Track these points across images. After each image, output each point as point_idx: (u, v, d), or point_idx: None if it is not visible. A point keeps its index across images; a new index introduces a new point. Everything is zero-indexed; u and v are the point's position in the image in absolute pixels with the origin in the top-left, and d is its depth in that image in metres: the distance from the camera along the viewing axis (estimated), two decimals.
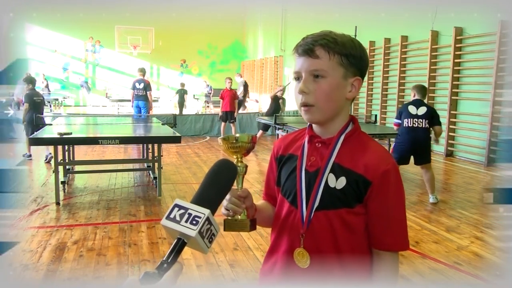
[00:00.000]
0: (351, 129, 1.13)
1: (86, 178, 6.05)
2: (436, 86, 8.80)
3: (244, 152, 1.11)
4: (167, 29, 19.23)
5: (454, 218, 4.46)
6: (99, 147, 8.24)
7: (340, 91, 1.09)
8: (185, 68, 21.58)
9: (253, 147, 1.12)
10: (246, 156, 1.12)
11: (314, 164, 1.12)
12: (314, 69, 1.07)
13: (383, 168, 1.07)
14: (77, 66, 20.31)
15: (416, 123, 4.91)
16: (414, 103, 5.01)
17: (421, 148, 4.98)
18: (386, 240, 1.09)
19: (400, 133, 5.07)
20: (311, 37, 1.09)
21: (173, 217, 0.81)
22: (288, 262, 1.12)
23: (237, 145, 1.10)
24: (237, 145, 1.10)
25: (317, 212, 1.09)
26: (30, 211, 4.53)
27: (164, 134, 5.45)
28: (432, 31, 8.60)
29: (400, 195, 1.11)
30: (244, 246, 3.61)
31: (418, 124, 4.91)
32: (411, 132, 4.93)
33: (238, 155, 1.11)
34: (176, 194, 5.33)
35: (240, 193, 1.09)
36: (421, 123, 4.91)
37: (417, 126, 4.91)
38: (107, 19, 17.78)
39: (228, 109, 9.43)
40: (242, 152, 1.11)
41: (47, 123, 6.19)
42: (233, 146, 1.10)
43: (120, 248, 3.58)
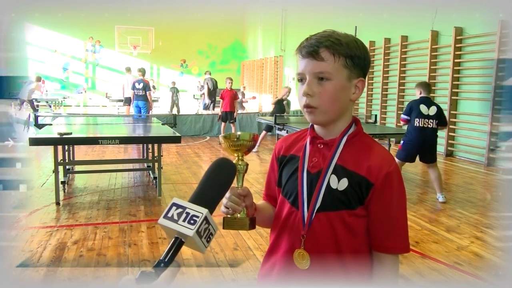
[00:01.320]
0: (353, 130, 1.13)
1: (86, 178, 6.05)
2: (436, 86, 8.79)
3: (245, 151, 1.11)
4: (167, 29, 19.25)
5: (454, 218, 4.46)
6: (99, 147, 8.24)
7: (344, 93, 1.09)
8: (185, 68, 21.58)
9: (254, 146, 1.12)
10: (247, 154, 1.11)
11: (316, 166, 1.11)
12: (319, 72, 1.06)
13: (386, 170, 1.06)
14: (77, 66, 20.32)
15: (427, 123, 4.93)
16: (424, 101, 4.99)
17: (429, 147, 5.02)
18: (388, 243, 1.08)
19: (409, 131, 5.07)
20: (315, 38, 1.07)
21: (171, 216, 0.80)
22: (288, 263, 1.12)
23: (238, 143, 1.09)
24: (238, 143, 1.09)
25: (318, 213, 1.09)
26: (30, 211, 4.53)
27: (164, 134, 5.44)
28: (432, 31, 8.60)
29: (402, 198, 1.11)
30: (244, 246, 3.61)
31: (428, 124, 4.93)
32: (421, 131, 4.95)
33: (239, 153, 1.10)
34: (176, 194, 5.33)
35: (240, 191, 1.08)
36: (432, 123, 4.94)
37: (427, 126, 4.94)
38: (107, 19, 17.78)
39: (228, 109, 9.42)
40: (243, 150, 1.10)
41: (47, 123, 6.18)
42: (235, 144, 1.09)
43: (120, 248, 3.58)
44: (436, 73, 8.81)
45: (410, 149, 5.02)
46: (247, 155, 1.11)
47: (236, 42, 22.18)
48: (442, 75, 8.63)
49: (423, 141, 4.97)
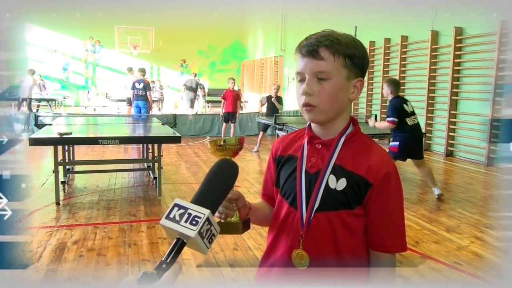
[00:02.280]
0: (351, 130, 1.13)
1: (86, 178, 6.05)
2: (436, 86, 8.80)
3: (231, 154, 1.10)
4: (167, 29, 19.21)
5: (454, 218, 4.46)
6: (99, 147, 8.23)
7: (343, 92, 1.09)
8: (185, 68, 21.57)
9: (241, 148, 1.11)
10: (234, 156, 1.10)
11: (315, 166, 1.11)
12: (318, 71, 1.06)
13: (384, 170, 1.07)
14: (77, 66, 20.31)
15: (414, 120, 5.04)
16: (403, 101, 5.09)
17: (420, 142, 5.19)
18: (385, 242, 1.09)
19: (404, 131, 5.06)
20: (315, 38, 1.08)
21: (173, 217, 0.80)
22: (286, 263, 1.12)
23: (224, 147, 1.09)
24: (224, 148, 1.09)
25: (317, 213, 1.09)
26: (30, 211, 4.53)
27: (164, 134, 5.44)
28: (432, 31, 8.60)
29: (400, 197, 1.11)
30: (244, 246, 3.61)
31: (416, 121, 5.07)
32: (414, 129, 5.03)
33: (226, 157, 1.09)
34: (176, 194, 5.33)
35: (231, 196, 1.08)
36: (416, 119, 5.09)
37: (416, 123, 5.06)
38: (107, 19, 17.75)
39: (231, 110, 9.38)
40: (230, 154, 1.09)
41: (47, 123, 6.18)
42: (220, 149, 1.09)
43: (120, 248, 3.58)
44: (436, 73, 8.80)
45: (407, 148, 5.04)
46: (234, 157, 1.10)
47: (236, 42, 22.16)
48: (442, 75, 8.62)
49: (417, 138, 5.10)
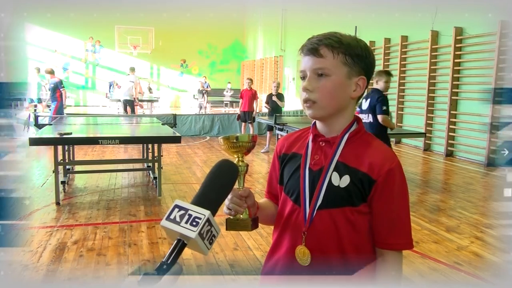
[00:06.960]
0: (355, 128, 1.14)
1: (86, 178, 6.04)
2: (436, 86, 8.80)
3: (244, 151, 1.12)
4: (167, 29, 19.20)
5: (454, 218, 4.46)
6: (99, 147, 8.24)
7: (343, 89, 1.10)
8: (185, 68, 21.57)
9: (254, 146, 1.13)
10: (247, 155, 1.12)
11: (318, 163, 1.12)
12: (318, 68, 1.09)
13: (388, 166, 1.07)
14: (77, 66, 20.30)
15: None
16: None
17: None
18: (391, 240, 1.09)
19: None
20: (317, 37, 1.11)
21: (173, 218, 0.80)
22: (290, 260, 1.13)
23: (238, 144, 1.10)
24: (238, 145, 1.10)
25: (320, 210, 1.10)
26: (30, 211, 4.53)
27: (164, 134, 5.44)
28: (432, 31, 8.60)
29: (405, 194, 1.11)
30: (244, 246, 3.61)
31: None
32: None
33: (238, 154, 1.11)
34: (176, 194, 5.33)
35: (242, 193, 1.09)
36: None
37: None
38: (107, 19, 17.75)
39: (247, 109, 9.32)
40: (243, 151, 1.11)
41: (47, 123, 6.18)
42: (234, 146, 1.10)
43: (120, 248, 3.58)
44: (436, 73, 8.80)
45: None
46: (247, 155, 1.12)
47: (236, 42, 22.15)
48: (442, 75, 8.62)
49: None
